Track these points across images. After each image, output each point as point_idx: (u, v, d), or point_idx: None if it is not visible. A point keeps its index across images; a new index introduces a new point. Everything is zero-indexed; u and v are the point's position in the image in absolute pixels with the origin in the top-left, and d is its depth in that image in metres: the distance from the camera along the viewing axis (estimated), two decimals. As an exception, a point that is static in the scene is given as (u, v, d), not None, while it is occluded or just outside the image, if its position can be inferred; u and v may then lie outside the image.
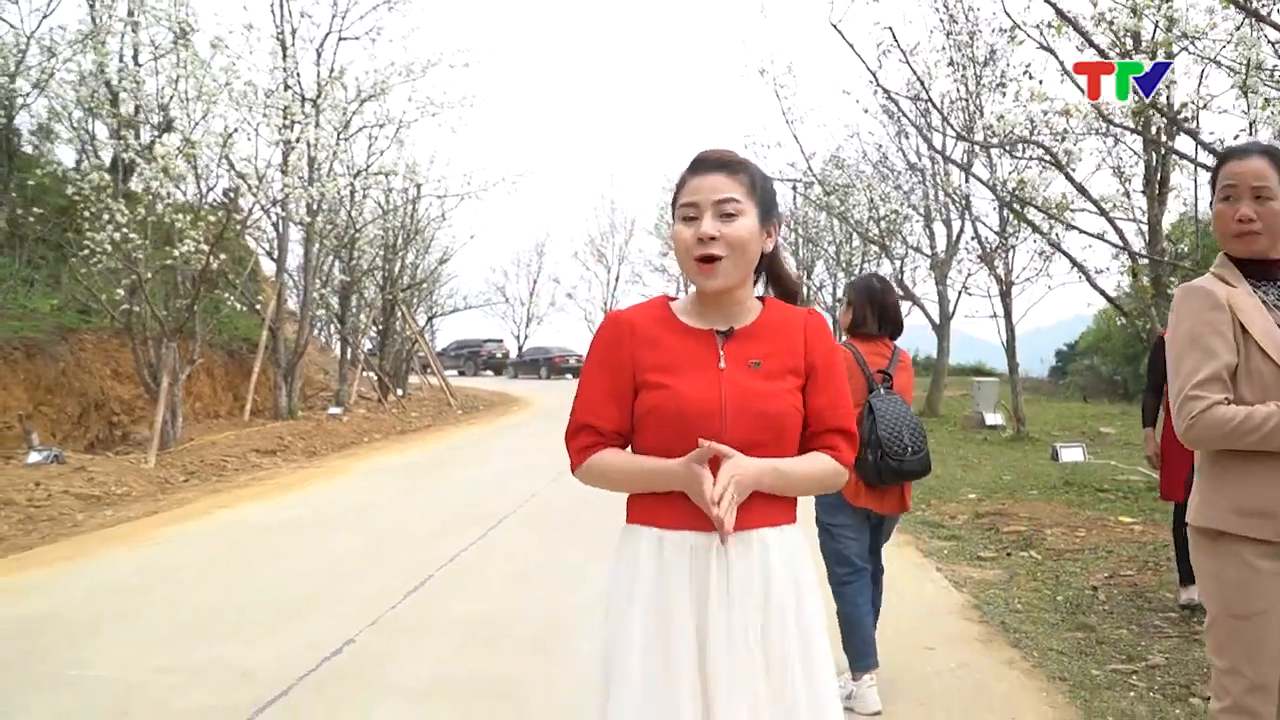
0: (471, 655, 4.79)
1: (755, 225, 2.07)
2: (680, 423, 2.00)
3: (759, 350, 2.08)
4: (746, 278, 2.11)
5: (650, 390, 2.05)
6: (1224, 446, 2.33)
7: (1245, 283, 2.40)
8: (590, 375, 2.13)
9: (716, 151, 2.13)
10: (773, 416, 2.03)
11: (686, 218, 2.06)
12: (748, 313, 2.13)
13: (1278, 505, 2.29)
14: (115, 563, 6.99)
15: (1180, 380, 2.36)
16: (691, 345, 2.08)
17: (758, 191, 2.09)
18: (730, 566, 1.98)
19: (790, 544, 2.06)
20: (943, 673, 4.53)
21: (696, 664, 1.95)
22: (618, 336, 2.11)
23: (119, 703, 4.14)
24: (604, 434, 2.10)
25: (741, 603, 1.97)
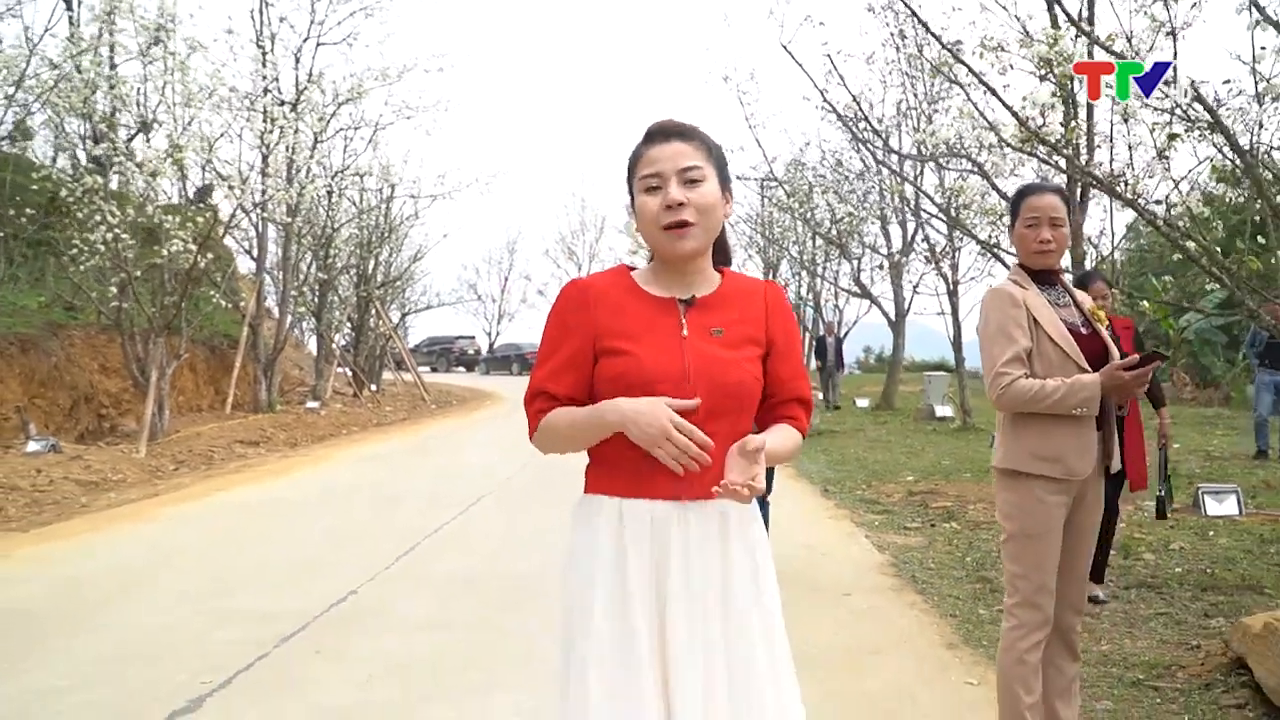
0: (457, 602, 5.62)
1: (718, 190, 2.08)
2: (643, 390, 1.98)
3: (720, 319, 2.09)
4: (710, 244, 2.12)
5: (612, 356, 2.04)
6: (1024, 410, 3.18)
7: (1035, 287, 3.26)
8: (551, 340, 2.11)
9: (670, 121, 2.13)
10: (735, 384, 2.03)
11: (650, 188, 2.06)
12: (708, 282, 2.14)
13: (1062, 452, 3.14)
14: (131, 535, 7.76)
15: (990, 360, 3.21)
16: (654, 312, 2.08)
17: (714, 156, 2.11)
18: (690, 535, 1.99)
19: (748, 515, 2.08)
20: (856, 611, 5.41)
21: (656, 632, 1.97)
22: (581, 301, 2.09)
23: (161, 640, 4.93)
24: (559, 400, 2.09)
25: (701, 571, 1.98)
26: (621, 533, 2.00)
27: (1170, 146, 6.38)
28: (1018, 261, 3.34)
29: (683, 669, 1.94)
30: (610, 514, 2.03)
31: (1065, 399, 3.08)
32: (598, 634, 1.97)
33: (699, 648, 1.95)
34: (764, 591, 2.06)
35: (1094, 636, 4.96)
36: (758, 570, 2.06)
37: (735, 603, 2.00)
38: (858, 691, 4.19)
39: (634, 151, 2.13)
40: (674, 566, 1.97)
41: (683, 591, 1.97)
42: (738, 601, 2.00)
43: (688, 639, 1.95)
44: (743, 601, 2.01)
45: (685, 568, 1.98)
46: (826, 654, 4.64)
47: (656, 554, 1.99)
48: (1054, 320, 3.19)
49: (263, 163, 17.54)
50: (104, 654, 4.70)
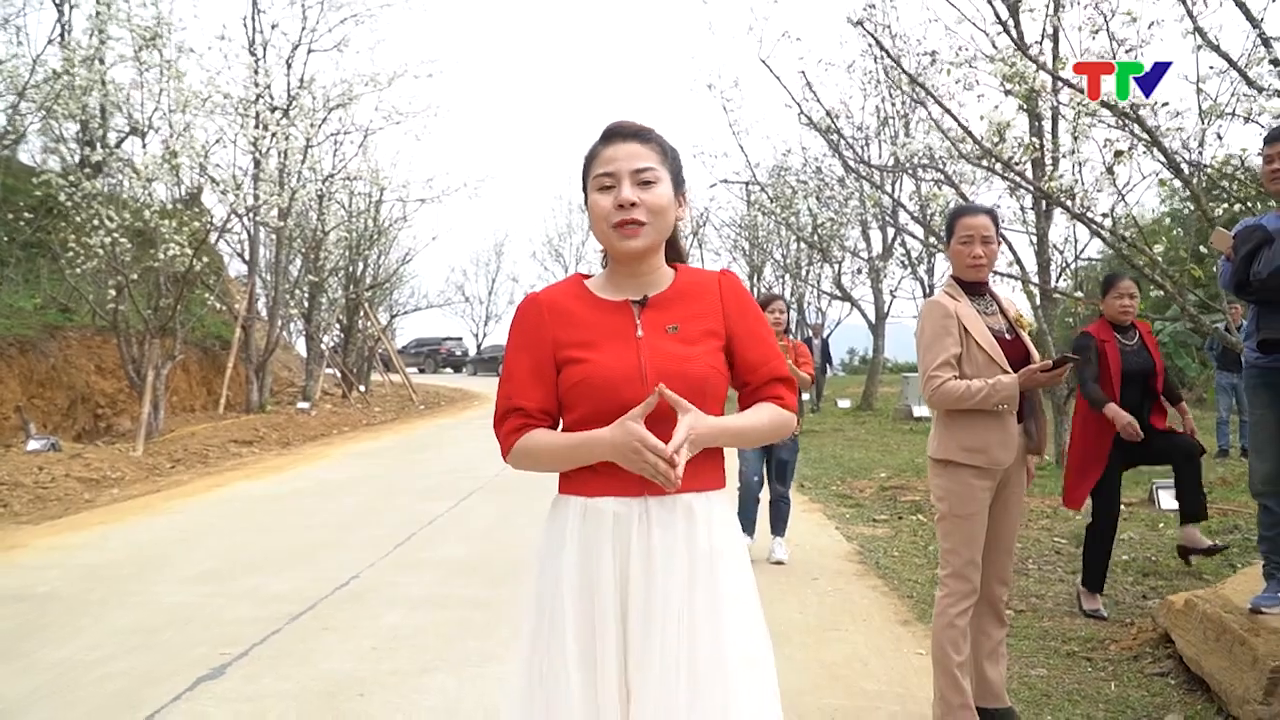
0: (452, 583, 6.05)
1: (671, 192, 2.11)
2: (604, 392, 2.02)
3: (675, 315, 2.11)
4: (661, 244, 2.15)
5: (572, 366, 2.07)
6: (953, 408, 3.63)
7: (966, 298, 3.71)
8: (513, 358, 2.14)
9: (628, 122, 2.16)
10: (694, 379, 2.04)
11: (603, 187, 2.09)
12: (661, 280, 2.16)
13: (987, 444, 3.60)
14: (141, 526, 8.17)
15: (925, 364, 3.66)
16: (608, 317, 2.11)
17: (669, 160, 2.14)
18: (651, 532, 2.00)
19: (715, 510, 2.08)
20: (821, 593, 5.88)
21: (619, 629, 1.98)
22: (536, 317, 2.13)
23: (179, 615, 5.35)
24: (532, 414, 2.11)
25: (664, 567, 1.99)
26: (585, 530, 2.03)
27: (1117, 162, 6.86)
28: (951, 275, 3.80)
29: (642, 666, 1.95)
30: (576, 512, 2.05)
31: (989, 397, 3.54)
32: (562, 628, 1.99)
33: (656, 644, 1.95)
34: (731, 587, 2.05)
35: (1037, 615, 5.44)
36: (725, 565, 2.05)
37: (701, 597, 1.99)
38: (817, 660, 4.64)
39: (590, 150, 2.16)
40: (636, 565, 1.99)
41: (644, 589, 1.98)
42: (701, 599, 1.99)
43: (646, 635, 1.96)
44: (706, 598, 2.00)
45: (648, 565, 1.99)
46: (791, 630, 5.10)
47: (618, 552, 2.00)
48: (982, 329, 3.64)
49: (255, 167, 17.93)
50: (129, 629, 5.11)
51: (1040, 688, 4.26)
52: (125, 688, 4.20)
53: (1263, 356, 4.10)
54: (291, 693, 4.15)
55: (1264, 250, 3.87)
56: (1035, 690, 4.23)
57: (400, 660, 4.61)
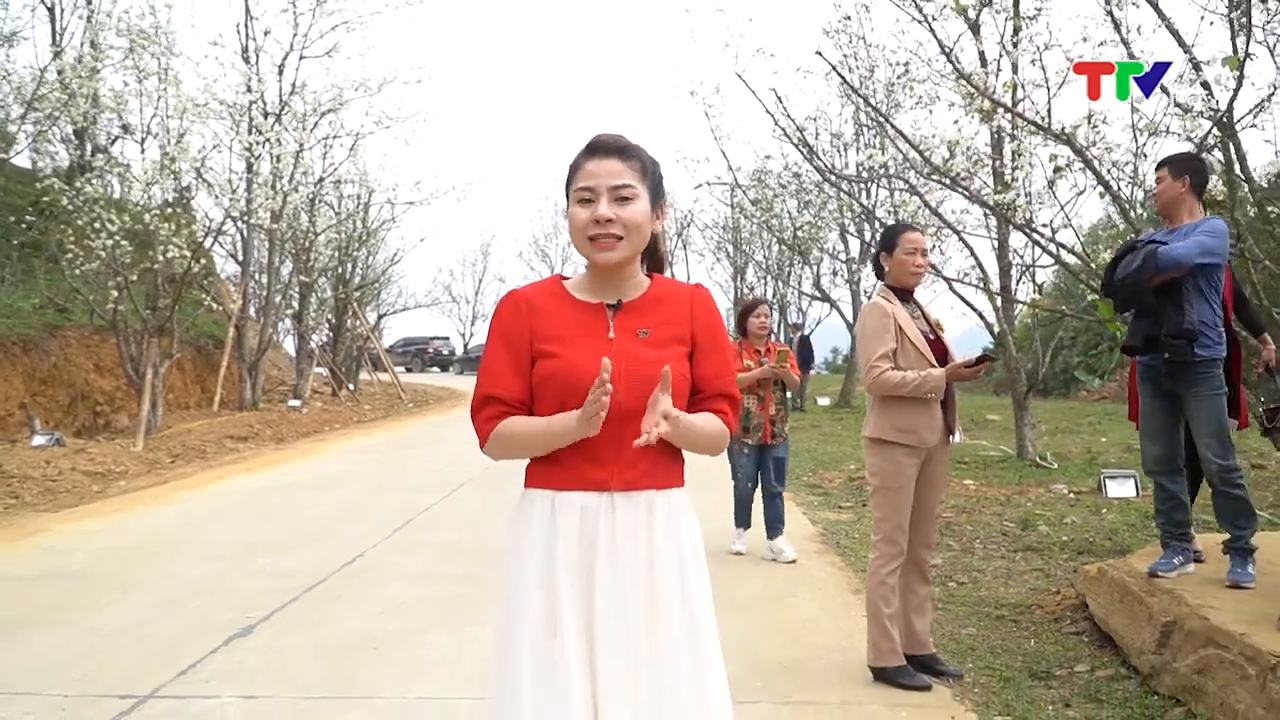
0: (447, 563, 6.63)
1: (648, 208, 2.19)
2: (572, 387, 2.10)
3: (646, 321, 2.21)
4: (636, 255, 2.23)
5: (545, 360, 2.16)
6: (890, 394, 4.23)
7: (898, 302, 4.32)
8: (492, 350, 2.23)
9: (610, 136, 2.23)
10: (657, 381, 2.09)
11: (583, 199, 2.17)
12: (636, 287, 2.25)
13: (915, 426, 4.20)
14: (154, 514, 8.72)
15: (866, 356, 4.26)
16: (583, 317, 2.20)
17: (649, 176, 2.21)
18: (616, 526, 2.10)
19: (675, 506, 2.19)
20: (782, 569, 6.49)
21: (583, 620, 2.07)
22: (515, 312, 2.22)
23: (203, 588, 5.92)
24: (508, 404, 2.19)
25: (628, 560, 2.09)
26: (553, 523, 2.13)
27: (1058, 177, 7.49)
28: (885, 283, 4.40)
29: (607, 655, 2.05)
30: (544, 506, 2.15)
31: (920, 386, 4.15)
32: (529, 621, 2.09)
33: (622, 634, 2.06)
34: (690, 580, 2.16)
35: (976, 586, 6.06)
36: (684, 559, 2.16)
37: (660, 590, 2.10)
38: (773, 623, 5.25)
39: (574, 161, 2.23)
40: (601, 555, 2.09)
41: (609, 580, 2.08)
42: (663, 587, 2.10)
43: (612, 626, 2.06)
44: (667, 587, 2.11)
45: (612, 557, 2.09)
46: (752, 599, 5.71)
47: (585, 543, 2.10)
48: (914, 329, 4.26)
49: (248, 172, 18.42)
50: (159, 600, 5.68)
51: (968, 643, 4.88)
52: (165, 645, 4.77)
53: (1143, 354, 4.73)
54: (314, 646, 4.74)
55: (1128, 256, 4.50)
56: (963, 645, 4.84)
57: (405, 622, 5.20)
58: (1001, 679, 4.34)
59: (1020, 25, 9.35)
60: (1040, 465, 11.65)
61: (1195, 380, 4.54)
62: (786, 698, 4.10)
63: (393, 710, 3.99)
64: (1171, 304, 4.52)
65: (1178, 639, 4.15)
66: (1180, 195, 4.66)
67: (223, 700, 4.02)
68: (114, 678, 4.29)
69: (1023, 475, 10.93)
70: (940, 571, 6.42)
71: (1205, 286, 4.54)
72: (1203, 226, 4.56)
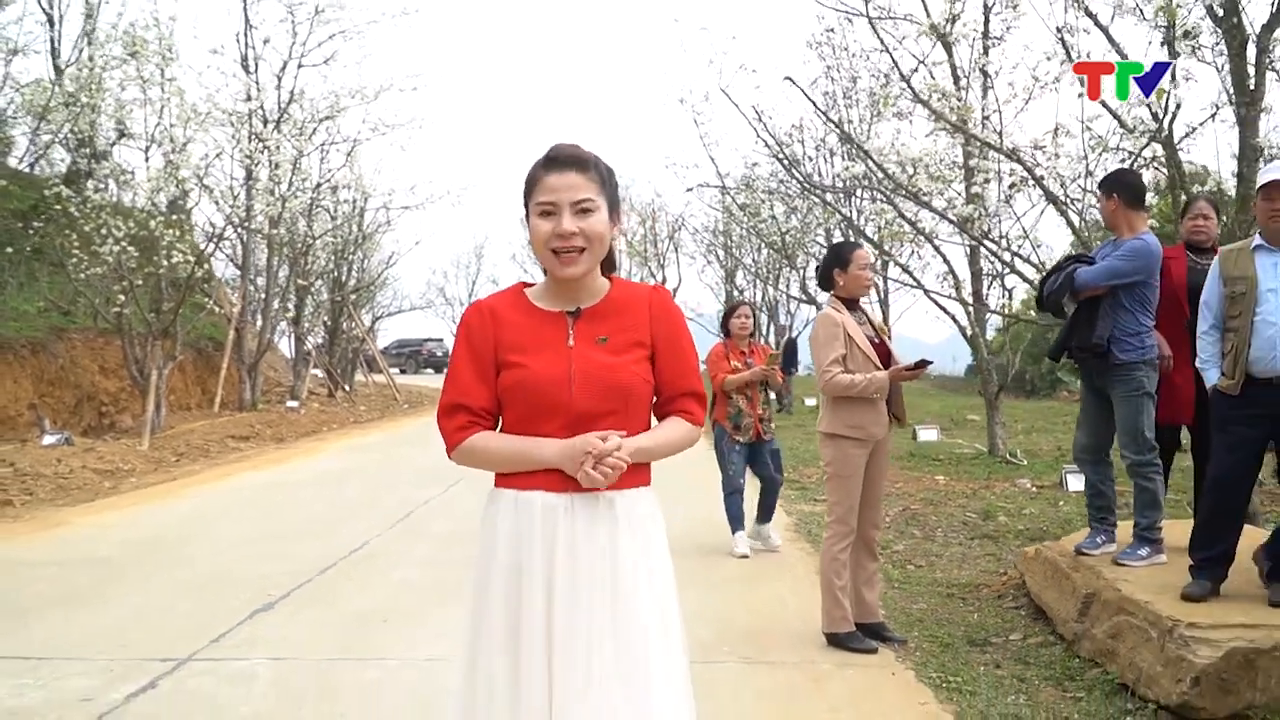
0: (447, 551, 7.17)
1: (607, 219, 2.24)
2: (534, 395, 2.18)
3: (606, 327, 2.26)
4: (596, 265, 2.28)
5: (509, 369, 2.23)
6: (841, 395, 4.78)
7: (847, 311, 4.88)
8: (458, 359, 2.30)
9: (569, 148, 2.27)
10: (619, 387, 2.20)
11: (545, 213, 2.21)
12: (596, 293, 2.30)
13: (863, 422, 4.75)
14: (169, 507, 9.26)
15: (819, 361, 4.82)
16: (543, 326, 2.25)
17: (606, 186, 2.26)
18: (576, 524, 2.16)
19: (638, 505, 2.24)
20: (756, 555, 7.05)
21: (545, 617, 2.12)
22: (480, 322, 2.28)
23: (222, 571, 6.46)
24: (475, 412, 2.26)
25: (587, 558, 2.14)
26: (516, 521, 2.19)
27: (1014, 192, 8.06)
28: (835, 294, 4.96)
29: (565, 652, 2.10)
30: (508, 504, 2.22)
31: (867, 388, 4.71)
32: (493, 617, 2.16)
33: (583, 631, 2.10)
34: (655, 572, 2.22)
35: (932, 568, 6.63)
36: (648, 553, 2.22)
37: (623, 586, 2.14)
38: (744, 600, 5.81)
39: (532, 173, 2.27)
40: (560, 553, 2.14)
41: (569, 580, 2.13)
42: (625, 585, 2.15)
43: (571, 623, 2.10)
44: (630, 585, 2.15)
45: (572, 555, 2.14)
46: (727, 580, 6.27)
47: (545, 542, 2.15)
48: (860, 336, 4.82)
49: (248, 179, 18.93)
50: (184, 581, 6.22)
51: (917, 616, 5.44)
52: (195, 619, 5.30)
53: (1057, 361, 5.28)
54: (331, 619, 5.29)
55: (1054, 275, 5.06)
56: (912, 617, 5.40)
57: (411, 600, 5.75)
58: (942, 645, 4.90)
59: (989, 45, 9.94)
60: (1010, 461, 12.23)
61: (1116, 382, 5.08)
62: (750, 659, 4.66)
63: (404, 668, 4.54)
64: (1086, 318, 5.06)
65: (1096, 609, 4.71)
66: (1114, 212, 5.17)
67: (253, 662, 4.57)
68: (152, 645, 4.82)
69: (991, 471, 11.51)
70: (901, 556, 6.99)
71: (1127, 300, 5.04)
72: (1122, 248, 5.07)
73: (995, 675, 4.48)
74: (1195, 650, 3.91)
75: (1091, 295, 5.02)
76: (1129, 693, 4.15)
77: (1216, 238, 5.35)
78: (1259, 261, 4.19)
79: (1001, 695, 4.20)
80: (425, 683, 4.33)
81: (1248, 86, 7.54)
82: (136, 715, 3.96)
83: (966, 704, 4.08)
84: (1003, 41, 10.63)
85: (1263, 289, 4.13)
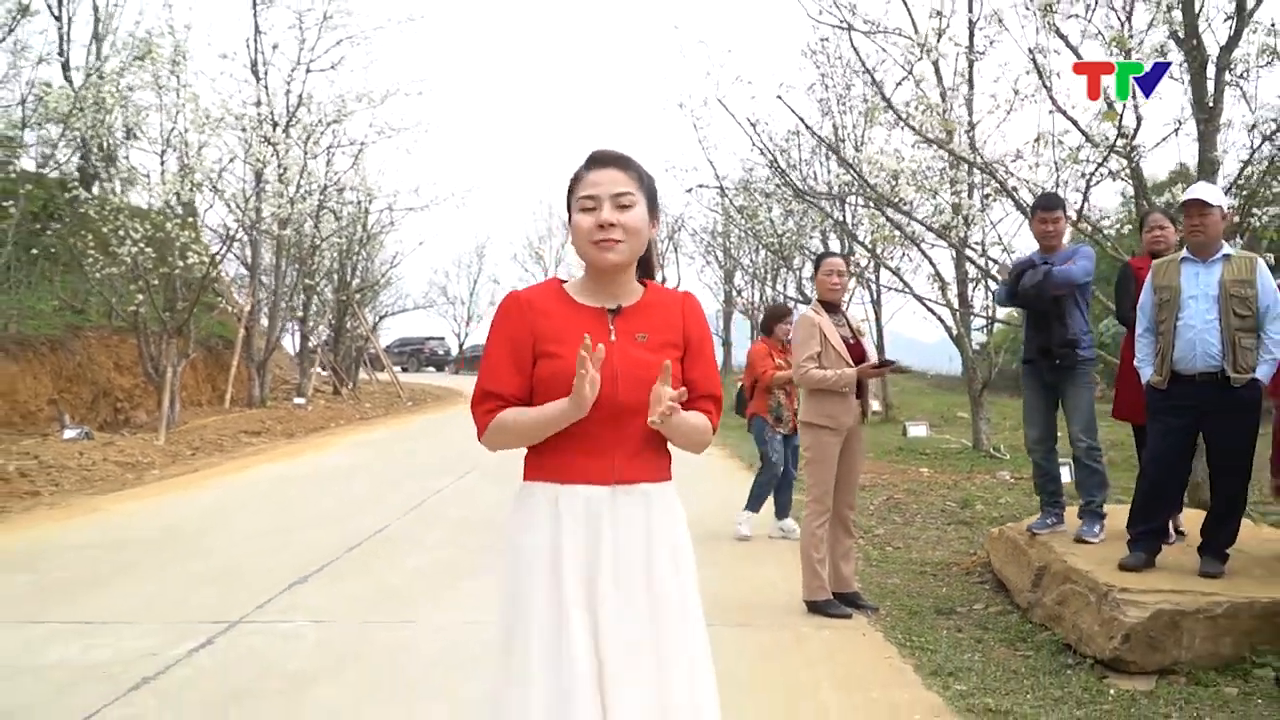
0: (463, 534, 7.73)
1: (645, 215, 2.31)
2: (569, 386, 2.18)
3: (643, 325, 2.32)
4: (635, 260, 2.34)
5: (548, 359, 2.26)
6: (814, 388, 5.35)
7: (826, 315, 5.44)
8: (493, 347, 2.33)
9: (610, 150, 2.35)
10: (654, 382, 2.21)
11: (586, 208, 2.28)
12: (633, 293, 2.36)
13: (835, 413, 5.32)
14: (195, 497, 9.82)
15: (797, 357, 5.38)
16: (584, 320, 2.29)
17: (645, 188, 2.33)
18: (618, 515, 2.24)
19: (667, 498, 2.34)
20: (774, 539, 7.60)
21: (588, 608, 2.19)
22: (518, 311, 2.31)
23: (257, 551, 7.03)
24: (507, 399, 2.29)
25: (627, 547, 2.23)
26: (558, 516, 2.24)
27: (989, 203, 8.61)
28: (816, 298, 5.53)
29: (611, 641, 2.17)
30: (547, 499, 2.27)
31: (837, 382, 5.29)
32: (537, 611, 2.20)
33: (627, 619, 2.20)
34: (681, 563, 2.32)
35: (909, 550, 7.20)
36: (677, 544, 2.32)
37: (657, 573, 2.25)
38: (737, 576, 6.39)
39: (575, 173, 2.35)
40: (605, 545, 2.22)
41: (612, 567, 2.22)
42: (658, 572, 2.25)
43: (616, 612, 2.19)
44: (662, 572, 2.26)
45: (614, 546, 2.22)
46: (724, 560, 6.84)
47: (589, 534, 2.23)
48: (836, 336, 5.39)
49: (257, 182, 19.46)
50: (221, 561, 6.79)
51: (890, 589, 6.01)
52: (239, 590, 5.87)
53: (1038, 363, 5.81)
54: (361, 590, 5.87)
55: (1028, 272, 5.61)
56: (886, 590, 5.98)
57: (434, 574, 6.33)
58: (910, 613, 5.47)
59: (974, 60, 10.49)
60: (993, 456, 12.80)
61: (1073, 378, 5.65)
62: (739, 624, 5.23)
63: (434, 628, 5.13)
64: (1057, 318, 5.62)
65: (1046, 579, 5.27)
66: (1063, 226, 5.81)
67: (297, 624, 5.14)
68: (203, 611, 5.39)
69: (974, 464, 12.08)
70: (881, 539, 7.57)
71: (1080, 302, 5.65)
72: (1081, 252, 5.67)
73: (956, 637, 5.05)
74: (1125, 611, 4.47)
75: (1057, 292, 5.57)
76: (1071, 651, 4.71)
77: (1175, 244, 5.78)
78: (1184, 272, 4.76)
79: (959, 652, 4.76)
80: (450, 642, 4.92)
81: (1207, 104, 8.11)
82: (198, 666, 4.52)
83: (926, 658, 4.65)
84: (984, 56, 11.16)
85: (1185, 296, 4.70)
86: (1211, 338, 4.62)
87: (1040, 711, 3.99)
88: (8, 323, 16.27)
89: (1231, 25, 8.15)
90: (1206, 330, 4.63)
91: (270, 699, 4.14)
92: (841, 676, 4.46)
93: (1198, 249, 4.75)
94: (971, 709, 4.00)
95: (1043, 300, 5.64)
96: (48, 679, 4.37)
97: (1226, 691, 4.20)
